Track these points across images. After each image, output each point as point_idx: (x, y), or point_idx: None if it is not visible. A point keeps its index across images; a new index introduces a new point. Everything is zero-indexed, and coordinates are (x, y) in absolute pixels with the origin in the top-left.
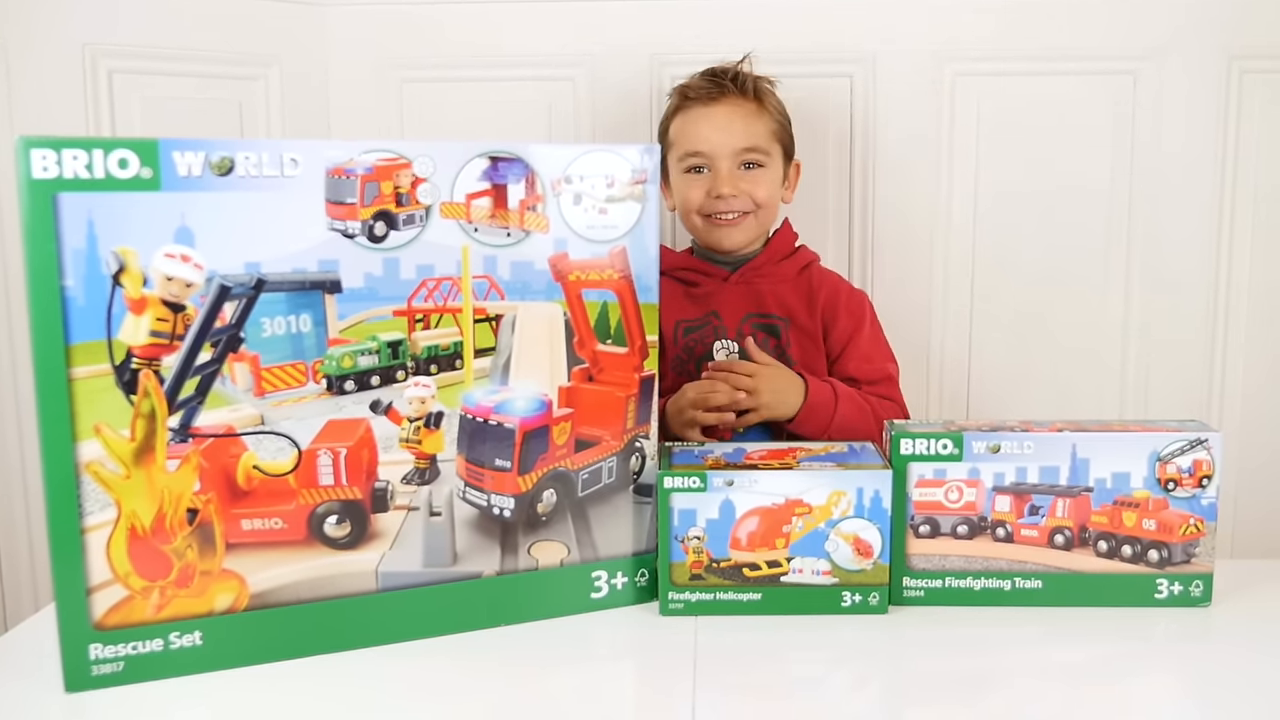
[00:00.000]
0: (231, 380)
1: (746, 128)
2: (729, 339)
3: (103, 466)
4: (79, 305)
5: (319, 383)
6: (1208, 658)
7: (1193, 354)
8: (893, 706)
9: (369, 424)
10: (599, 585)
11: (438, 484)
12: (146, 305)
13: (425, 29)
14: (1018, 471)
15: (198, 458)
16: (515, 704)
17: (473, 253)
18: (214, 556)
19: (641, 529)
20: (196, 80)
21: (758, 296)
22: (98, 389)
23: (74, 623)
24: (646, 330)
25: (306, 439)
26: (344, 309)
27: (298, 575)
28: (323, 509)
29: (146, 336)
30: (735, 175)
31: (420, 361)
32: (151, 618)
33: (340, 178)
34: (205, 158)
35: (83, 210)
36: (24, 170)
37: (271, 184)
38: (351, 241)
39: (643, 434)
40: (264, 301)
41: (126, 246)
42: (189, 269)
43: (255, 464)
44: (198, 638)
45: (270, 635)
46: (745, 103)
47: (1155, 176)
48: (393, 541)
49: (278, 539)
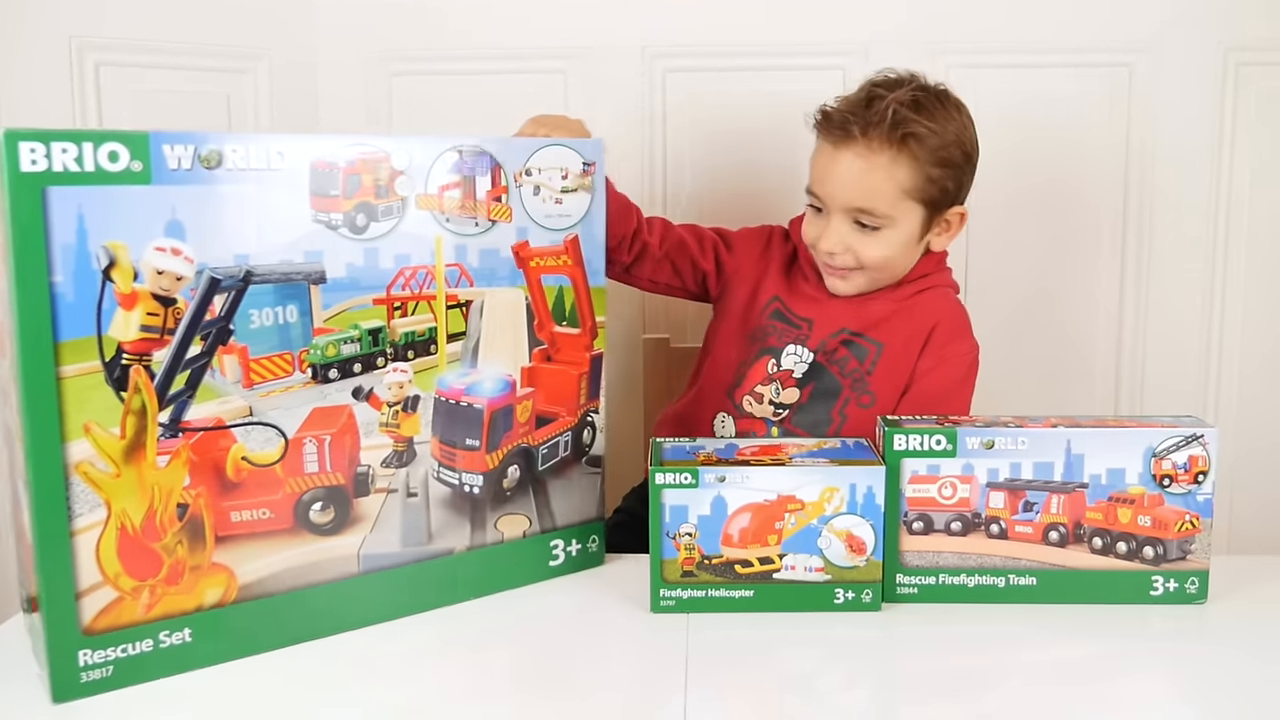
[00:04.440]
0: (221, 373)
1: (868, 185)
2: (809, 347)
3: (93, 466)
4: (68, 301)
5: (305, 372)
6: (1203, 655)
7: (1188, 349)
8: (886, 704)
9: (351, 410)
10: (556, 554)
11: (414, 465)
12: (137, 300)
13: (415, 21)
14: (1012, 467)
15: (188, 452)
16: (507, 705)
17: (445, 242)
18: (203, 551)
19: (591, 498)
20: (185, 73)
21: (861, 315)
22: (87, 387)
23: (61, 629)
24: (596, 312)
25: (293, 428)
26: (328, 299)
27: (284, 564)
28: (308, 496)
29: (137, 331)
30: (844, 231)
31: (398, 348)
32: (141, 618)
33: (324, 170)
34: (195, 151)
35: (72, 204)
36: (10, 164)
37: (259, 177)
38: (335, 233)
39: (593, 409)
40: (252, 293)
41: (117, 241)
42: (179, 262)
43: (244, 455)
44: (187, 635)
45: (258, 626)
46: (879, 152)
47: (1150, 170)
48: (373, 524)
49: (266, 529)
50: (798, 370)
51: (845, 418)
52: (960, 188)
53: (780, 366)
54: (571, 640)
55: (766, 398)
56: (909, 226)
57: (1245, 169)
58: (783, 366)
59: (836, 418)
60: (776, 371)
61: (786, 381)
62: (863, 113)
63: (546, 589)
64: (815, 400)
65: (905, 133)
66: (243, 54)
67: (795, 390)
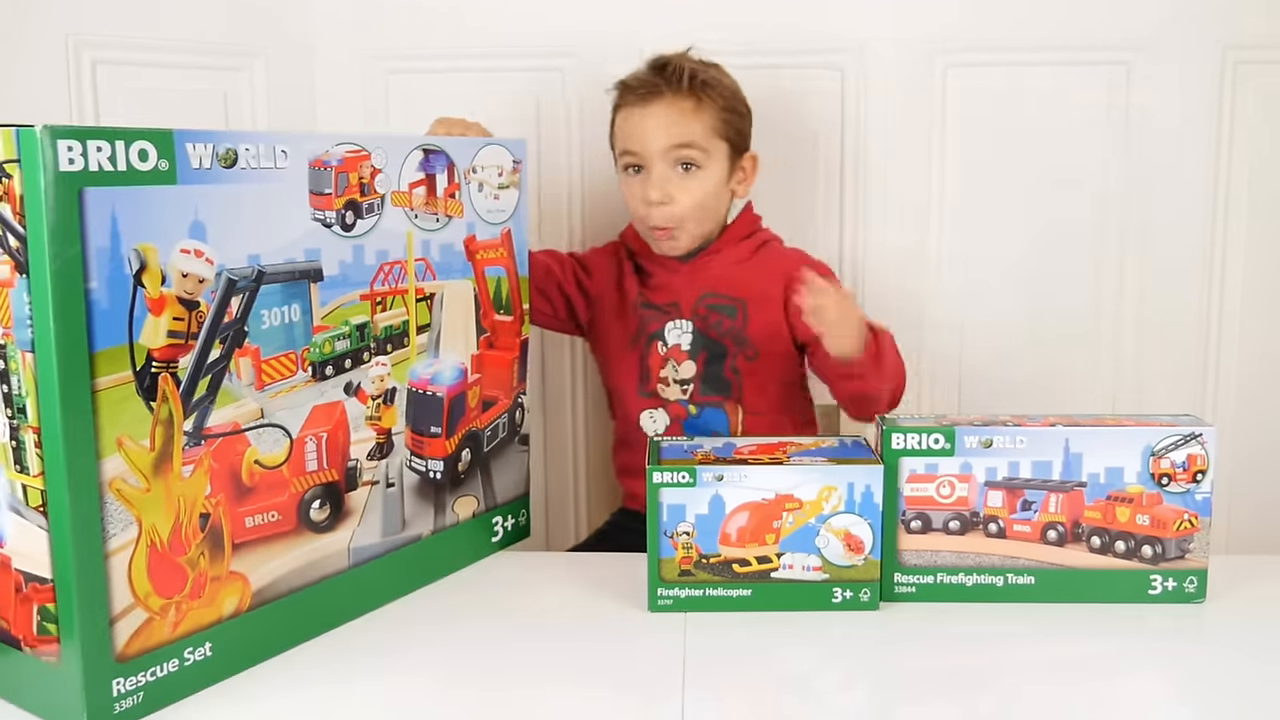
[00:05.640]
0: (236, 375)
1: (683, 125)
2: (684, 318)
3: (125, 482)
4: (102, 309)
5: (306, 370)
6: (1202, 654)
7: (1187, 347)
8: (884, 703)
9: (344, 406)
10: (496, 530)
11: (392, 456)
12: (165, 305)
13: (411, 19)
14: (1010, 466)
15: (209, 460)
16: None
17: (414, 238)
18: (222, 560)
19: (522, 474)
20: (181, 71)
21: (713, 278)
22: (119, 398)
23: (97, 659)
24: (523, 300)
25: (296, 427)
26: (324, 296)
27: (290, 565)
28: (309, 495)
29: (165, 338)
30: (667, 178)
31: (379, 342)
32: (169, 637)
33: (319, 169)
34: (213, 149)
35: (106, 206)
36: (48, 163)
37: (267, 176)
38: (329, 230)
39: (523, 390)
40: (262, 293)
41: (147, 243)
42: (202, 264)
43: (256, 459)
44: (208, 649)
45: (269, 632)
46: (684, 100)
47: (1148, 168)
48: (360, 517)
49: (274, 531)
50: (684, 342)
51: (738, 372)
52: (748, 134)
53: (668, 344)
54: (569, 639)
55: (671, 378)
56: (719, 168)
57: (1243, 167)
58: (670, 344)
59: (731, 376)
60: (667, 350)
61: (679, 357)
62: (661, 73)
63: (545, 588)
64: (709, 365)
65: (701, 80)
66: (239, 52)
67: (691, 363)
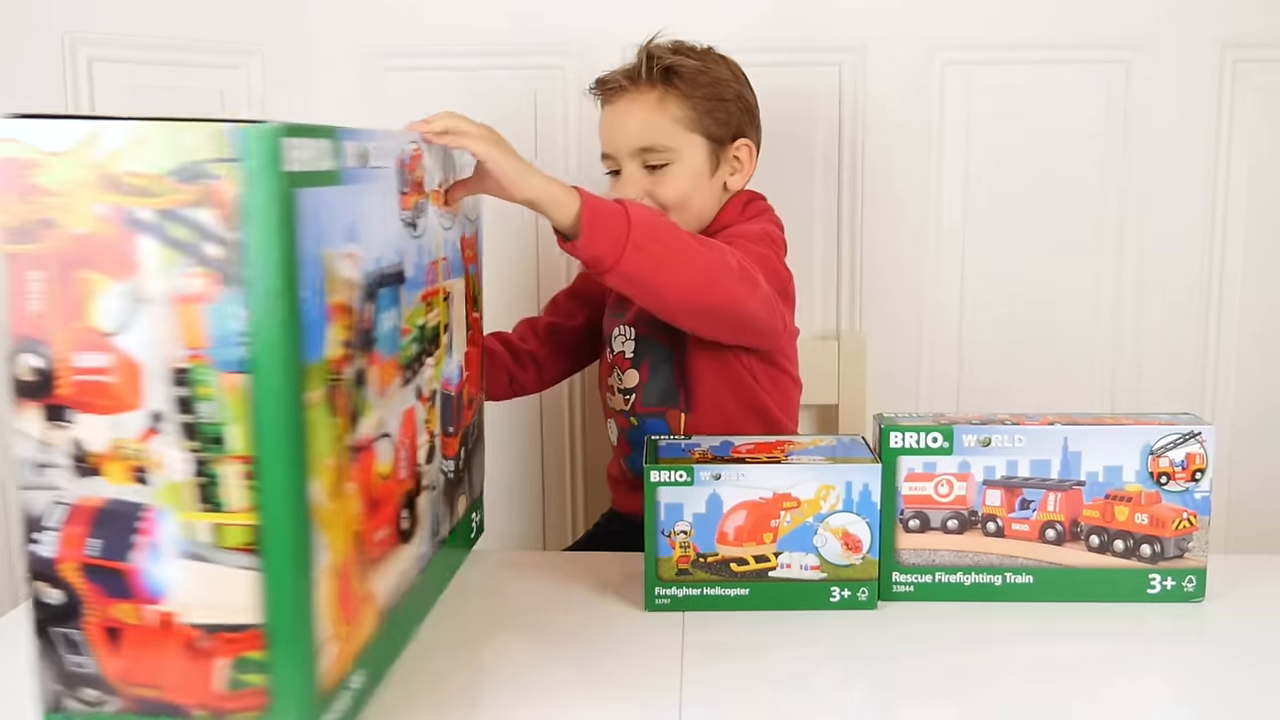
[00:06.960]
0: (368, 385)
1: (643, 121)
2: (628, 322)
3: (323, 505)
4: (311, 319)
5: (400, 374)
6: (1201, 654)
7: (1185, 345)
8: (882, 703)
9: (414, 409)
10: (473, 526)
11: (435, 458)
12: (339, 312)
13: (409, 16)
14: (1008, 465)
15: (358, 474)
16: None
17: (443, 238)
18: (364, 580)
19: (483, 470)
20: (178, 68)
21: None
22: (318, 415)
23: (312, 703)
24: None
25: (396, 435)
26: (406, 298)
27: (393, 580)
28: (401, 504)
29: (340, 347)
30: (637, 178)
31: (429, 344)
32: (344, 669)
33: (400, 168)
34: (357, 149)
35: (312, 208)
36: (269, 163)
37: (379, 175)
38: (407, 230)
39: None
40: (380, 297)
41: (330, 248)
42: (355, 268)
43: (379, 470)
44: (362, 677)
45: (385, 649)
46: (646, 93)
47: (1147, 167)
48: (422, 524)
49: (388, 544)
50: (627, 350)
51: (686, 377)
52: (738, 122)
53: (614, 351)
54: (566, 638)
55: (616, 387)
56: (695, 161)
57: (1242, 165)
58: (615, 351)
59: (679, 381)
60: (611, 357)
61: (623, 364)
62: (628, 69)
63: (542, 587)
64: (655, 371)
65: (665, 68)
66: (235, 49)
67: (634, 371)
